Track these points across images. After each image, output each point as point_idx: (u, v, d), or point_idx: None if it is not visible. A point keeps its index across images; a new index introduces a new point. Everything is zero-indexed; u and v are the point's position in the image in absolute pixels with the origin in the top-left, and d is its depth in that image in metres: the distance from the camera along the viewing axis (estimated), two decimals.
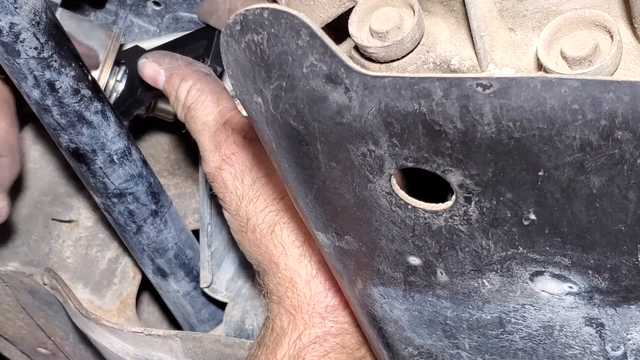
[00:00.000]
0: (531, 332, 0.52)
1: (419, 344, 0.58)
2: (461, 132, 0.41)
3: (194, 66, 0.79)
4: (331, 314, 0.67)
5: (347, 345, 0.68)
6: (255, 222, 0.70)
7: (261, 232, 0.70)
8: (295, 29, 0.41)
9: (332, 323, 0.67)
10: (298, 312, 0.68)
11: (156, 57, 0.80)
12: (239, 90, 0.47)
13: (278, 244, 0.69)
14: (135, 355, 0.92)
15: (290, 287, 0.68)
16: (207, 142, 0.74)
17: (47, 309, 1.00)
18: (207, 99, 0.75)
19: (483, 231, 0.46)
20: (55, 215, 0.98)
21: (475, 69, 0.52)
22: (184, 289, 0.95)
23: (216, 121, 0.74)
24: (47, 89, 0.73)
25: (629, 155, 0.39)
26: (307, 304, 0.68)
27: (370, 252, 0.52)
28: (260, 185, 0.70)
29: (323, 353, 0.67)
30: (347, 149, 0.45)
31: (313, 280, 0.68)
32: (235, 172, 0.72)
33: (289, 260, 0.69)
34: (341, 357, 0.67)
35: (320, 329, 0.67)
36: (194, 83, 0.76)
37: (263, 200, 0.70)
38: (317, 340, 0.67)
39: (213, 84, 0.77)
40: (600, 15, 0.46)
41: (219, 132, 0.73)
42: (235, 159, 0.72)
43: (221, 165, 0.72)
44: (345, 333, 0.68)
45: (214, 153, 0.73)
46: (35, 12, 0.69)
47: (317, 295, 0.68)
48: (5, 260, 0.96)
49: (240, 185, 0.71)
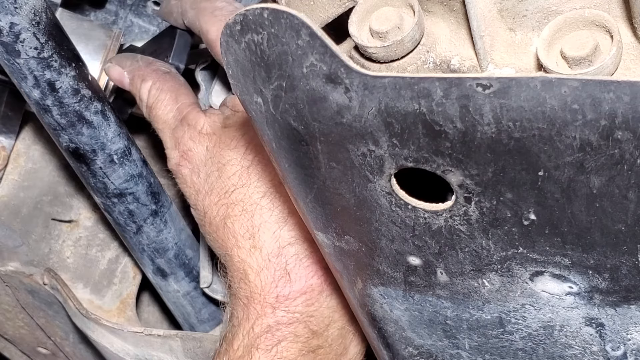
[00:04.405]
0: (531, 332, 0.52)
1: (419, 344, 0.58)
2: (461, 132, 0.41)
3: (153, 65, 0.81)
4: (282, 303, 0.68)
5: (299, 334, 0.68)
6: (211, 215, 0.72)
7: (216, 225, 0.71)
8: (295, 29, 0.41)
9: (283, 312, 0.68)
10: (251, 303, 0.69)
11: (119, 60, 0.82)
12: (239, 90, 0.47)
13: (230, 236, 0.70)
14: (135, 355, 0.92)
15: (243, 279, 0.69)
16: (167, 139, 0.76)
17: (47, 309, 1.00)
18: (167, 97, 0.77)
19: (483, 231, 0.46)
20: (55, 215, 0.98)
21: (475, 69, 0.52)
22: (184, 289, 0.95)
23: (175, 118, 0.76)
24: (47, 89, 0.73)
25: (629, 155, 0.39)
26: (259, 294, 0.69)
27: (370, 252, 0.52)
28: (214, 178, 0.72)
29: (275, 342, 0.68)
30: (347, 149, 0.45)
31: (263, 271, 0.69)
32: (192, 167, 0.74)
33: (241, 252, 0.70)
34: (294, 345, 0.68)
35: (271, 319, 0.68)
36: (153, 82, 0.78)
37: (216, 193, 0.71)
38: (269, 330, 0.68)
39: (172, 81, 0.79)
40: (600, 15, 0.46)
41: (177, 129, 0.75)
42: (191, 154, 0.74)
43: (180, 162, 0.74)
44: (298, 322, 0.68)
45: (173, 150, 0.75)
46: (35, 12, 0.69)
47: (267, 286, 0.69)
48: (5, 260, 0.96)
49: (197, 179, 0.73)
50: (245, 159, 0.70)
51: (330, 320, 0.70)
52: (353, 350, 0.72)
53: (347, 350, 0.72)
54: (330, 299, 0.69)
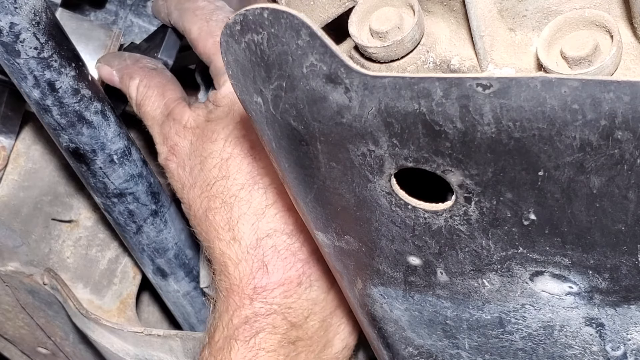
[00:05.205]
0: (531, 332, 0.52)
1: (419, 344, 0.58)
2: (461, 132, 0.41)
3: (140, 63, 0.82)
4: (259, 295, 0.69)
5: (278, 326, 0.69)
6: (195, 208, 0.72)
7: (200, 218, 0.72)
8: (295, 29, 0.41)
9: (260, 304, 0.69)
10: (230, 295, 0.69)
11: (107, 60, 0.83)
12: (239, 90, 0.47)
13: (212, 228, 0.71)
14: (135, 355, 0.92)
15: (224, 271, 0.70)
16: (156, 135, 0.77)
17: (47, 309, 1.00)
18: (154, 94, 0.78)
19: (483, 231, 0.46)
20: (55, 215, 0.98)
21: (475, 69, 0.52)
22: (184, 289, 0.95)
23: (162, 114, 0.77)
24: (47, 89, 0.73)
25: (629, 155, 0.39)
26: (237, 286, 0.69)
27: (370, 252, 0.52)
28: (197, 171, 0.73)
29: (253, 333, 0.68)
30: (347, 149, 0.45)
31: (241, 263, 0.69)
32: (179, 161, 0.74)
33: (221, 244, 0.70)
34: (273, 337, 0.68)
35: (249, 310, 0.69)
36: (140, 79, 0.79)
37: (199, 186, 0.72)
38: (247, 321, 0.68)
39: (158, 77, 0.80)
40: (600, 15, 0.46)
41: (164, 124, 0.76)
42: (177, 148, 0.74)
43: (168, 157, 0.75)
44: (275, 314, 0.69)
45: (162, 145, 0.76)
46: (35, 12, 0.69)
47: (245, 277, 0.69)
48: (5, 260, 0.96)
49: (183, 173, 0.74)
50: (225, 151, 0.71)
51: (310, 313, 0.70)
52: (339, 344, 0.73)
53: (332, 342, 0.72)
54: (310, 291, 0.70)
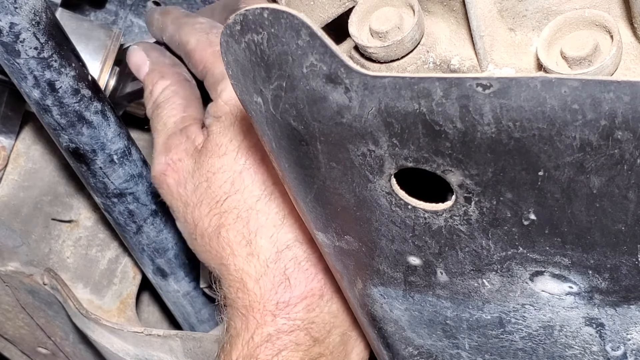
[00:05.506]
0: (531, 332, 0.52)
1: (419, 344, 0.57)
2: (461, 132, 0.41)
3: (177, 68, 0.79)
4: (282, 310, 0.66)
5: (301, 343, 0.66)
6: (202, 227, 0.69)
7: (209, 236, 0.69)
8: (295, 29, 0.41)
9: (284, 320, 0.66)
10: (250, 312, 0.67)
11: (146, 48, 0.81)
12: (239, 90, 0.47)
13: (225, 245, 0.68)
14: (135, 355, 0.92)
15: (241, 288, 0.67)
16: (159, 143, 0.74)
17: (47, 309, 1.00)
18: (177, 102, 0.75)
19: (483, 231, 0.46)
20: (55, 215, 0.98)
21: (475, 69, 0.52)
22: (184, 289, 0.95)
23: (176, 125, 0.74)
24: (47, 89, 0.73)
25: (629, 155, 0.39)
26: (258, 302, 0.66)
27: (370, 252, 0.52)
28: (202, 189, 0.69)
29: (276, 351, 0.66)
30: (347, 149, 0.45)
31: (262, 278, 0.67)
32: (179, 178, 0.71)
33: (237, 261, 0.67)
34: (295, 354, 0.66)
35: (272, 327, 0.66)
36: (171, 83, 0.77)
37: (207, 204, 0.69)
38: (270, 339, 0.66)
39: (189, 90, 0.77)
40: (600, 15, 0.46)
41: (174, 136, 0.73)
42: (180, 165, 0.71)
43: (165, 171, 0.72)
44: (299, 330, 0.66)
45: (162, 155, 0.73)
46: (35, 12, 0.69)
47: (267, 293, 0.66)
48: (5, 260, 0.96)
49: (184, 191, 0.71)
50: (237, 164, 0.68)
51: (332, 326, 0.68)
52: (355, 358, 0.70)
53: (349, 357, 0.70)
54: (331, 304, 0.68)
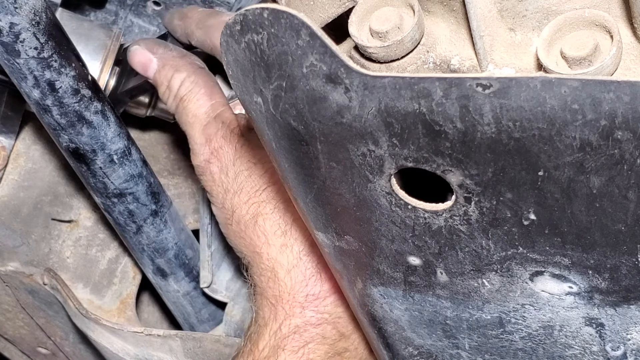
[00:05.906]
0: (531, 332, 0.52)
1: (419, 344, 0.57)
2: (461, 132, 0.41)
3: (188, 58, 0.79)
4: (311, 303, 0.67)
5: (327, 336, 0.67)
6: (240, 214, 0.71)
7: (245, 224, 0.70)
8: (295, 29, 0.41)
9: (312, 312, 0.67)
10: (279, 302, 0.68)
11: (149, 45, 0.80)
12: (239, 90, 0.47)
13: (261, 234, 0.69)
14: (135, 355, 0.92)
15: (272, 277, 0.68)
16: (197, 134, 0.75)
17: (47, 309, 1.00)
18: (201, 92, 0.76)
19: (483, 231, 0.46)
20: (55, 215, 0.98)
21: (475, 69, 0.52)
22: (184, 289, 0.95)
23: (207, 114, 0.75)
24: (47, 89, 0.73)
25: (629, 155, 0.39)
26: (288, 293, 0.67)
27: (370, 252, 0.52)
28: (243, 177, 0.71)
29: (303, 343, 0.67)
30: (347, 149, 0.45)
31: (294, 269, 0.68)
32: (222, 165, 0.73)
33: (271, 250, 0.69)
34: (321, 347, 0.67)
35: (300, 319, 0.67)
36: (188, 75, 0.77)
37: (246, 192, 0.71)
38: (297, 330, 0.67)
39: (207, 77, 0.78)
40: (600, 15, 0.46)
41: (210, 125, 0.74)
42: (222, 152, 0.73)
43: (210, 159, 0.73)
44: (326, 323, 0.67)
45: (204, 146, 0.74)
46: (35, 12, 0.69)
47: (298, 284, 0.67)
48: (5, 260, 0.96)
49: (226, 178, 0.72)
50: None
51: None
52: None
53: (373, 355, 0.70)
54: None
